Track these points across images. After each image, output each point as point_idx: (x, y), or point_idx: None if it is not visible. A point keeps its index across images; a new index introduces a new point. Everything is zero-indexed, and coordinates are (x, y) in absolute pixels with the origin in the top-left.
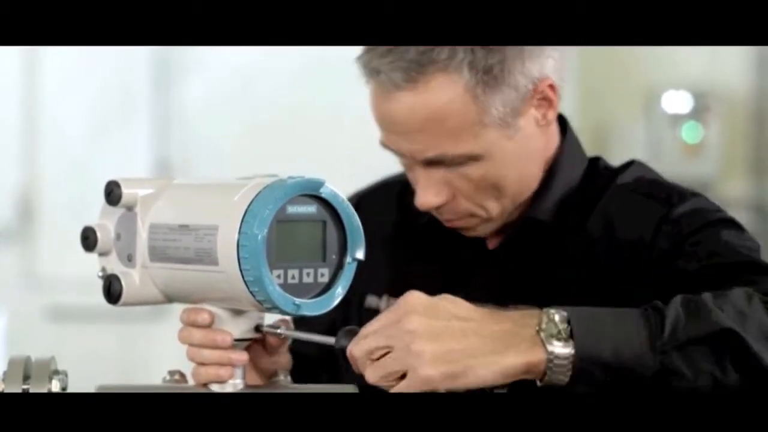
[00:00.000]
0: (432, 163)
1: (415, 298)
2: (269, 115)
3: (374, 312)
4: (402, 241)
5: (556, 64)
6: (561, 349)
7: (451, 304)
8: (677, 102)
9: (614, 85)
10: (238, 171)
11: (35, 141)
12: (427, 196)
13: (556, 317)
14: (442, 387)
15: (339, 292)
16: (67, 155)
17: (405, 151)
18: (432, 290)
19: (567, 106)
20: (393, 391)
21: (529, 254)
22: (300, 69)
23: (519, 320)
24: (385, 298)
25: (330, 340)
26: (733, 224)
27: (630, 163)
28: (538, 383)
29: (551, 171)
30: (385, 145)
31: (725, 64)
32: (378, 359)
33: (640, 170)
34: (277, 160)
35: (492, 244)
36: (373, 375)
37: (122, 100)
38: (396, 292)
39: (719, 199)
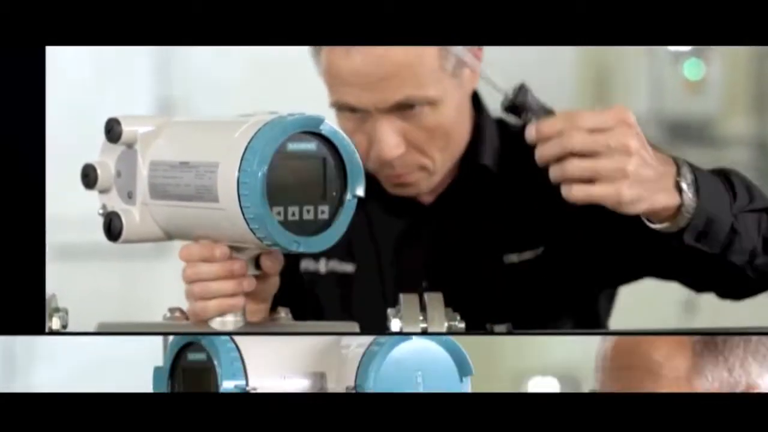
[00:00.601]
0: (394, 109)
1: (630, 115)
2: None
3: (312, 275)
4: None
5: None
6: (691, 201)
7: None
8: None
9: None
10: (239, 109)
11: None
12: (390, 144)
13: (687, 170)
14: (621, 208)
15: (340, 230)
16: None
17: (366, 103)
18: (372, 254)
19: (569, 48)
20: (578, 192)
21: (470, 202)
22: None
23: (663, 165)
24: (323, 261)
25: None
26: None
27: None
28: (652, 225)
29: (479, 127)
30: (339, 104)
31: None
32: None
33: None
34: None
35: (427, 200)
36: (566, 171)
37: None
38: (333, 256)
39: (721, 137)
